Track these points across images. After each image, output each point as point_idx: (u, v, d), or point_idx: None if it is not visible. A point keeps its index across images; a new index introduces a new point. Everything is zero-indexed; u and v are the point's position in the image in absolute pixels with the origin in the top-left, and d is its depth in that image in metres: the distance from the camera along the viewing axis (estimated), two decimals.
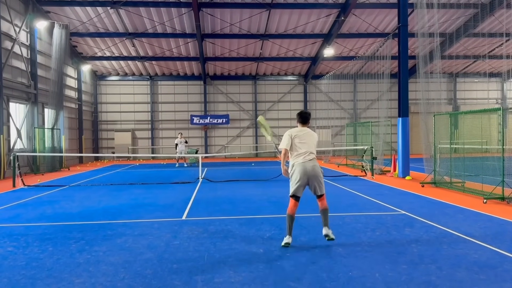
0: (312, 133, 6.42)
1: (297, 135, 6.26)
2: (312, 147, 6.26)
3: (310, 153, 6.21)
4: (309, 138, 6.30)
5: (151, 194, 12.00)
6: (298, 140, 6.23)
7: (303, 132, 6.33)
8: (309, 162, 6.12)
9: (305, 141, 6.23)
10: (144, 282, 4.65)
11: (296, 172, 6.08)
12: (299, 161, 6.13)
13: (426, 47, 15.59)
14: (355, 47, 27.63)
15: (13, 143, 19.19)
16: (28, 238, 6.78)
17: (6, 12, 18.64)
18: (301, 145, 6.19)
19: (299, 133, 6.31)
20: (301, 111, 6.61)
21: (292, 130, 6.40)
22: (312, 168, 6.09)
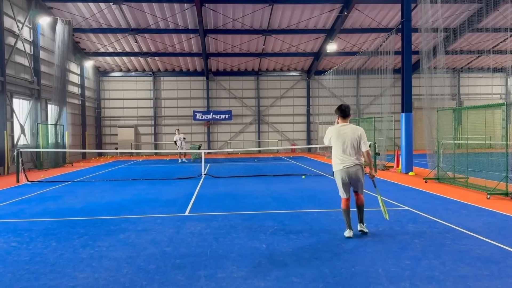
0: (353, 129, 5.99)
1: (336, 133, 6.00)
2: (352, 147, 5.93)
3: (349, 156, 5.95)
4: (348, 136, 5.93)
5: (154, 189, 12.03)
6: (335, 139, 6.00)
7: (342, 130, 5.99)
8: (348, 169, 5.97)
9: (343, 141, 5.94)
10: (147, 277, 4.66)
11: (337, 177, 6.10)
12: (338, 167, 6.04)
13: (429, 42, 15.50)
14: (358, 42, 27.50)
15: (16, 139, 19.25)
16: (31, 233, 6.81)
17: (9, 8, 18.65)
18: (339, 146, 5.97)
19: (337, 131, 6.01)
20: (341, 104, 6.21)
21: (331, 128, 6.11)
22: (354, 173, 5.97)
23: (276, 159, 25.43)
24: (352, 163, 5.95)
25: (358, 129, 6.01)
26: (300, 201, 9.69)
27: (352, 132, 5.96)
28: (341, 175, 6.01)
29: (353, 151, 5.95)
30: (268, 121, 32.41)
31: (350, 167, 5.94)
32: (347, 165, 5.96)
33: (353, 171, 5.96)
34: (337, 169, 6.06)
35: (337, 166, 6.05)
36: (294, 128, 32.70)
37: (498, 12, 23.34)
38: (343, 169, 5.98)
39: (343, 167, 5.98)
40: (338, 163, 6.03)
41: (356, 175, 5.97)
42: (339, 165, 6.01)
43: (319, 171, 16.81)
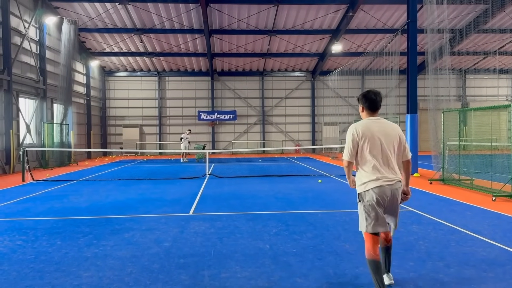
0: (390, 127, 4.08)
1: (365, 135, 3.97)
2: (391, 154, 4.00)
3: (388, 168, 3.97)
4: (385, 137, 3.99)
5: (158, 189, 12.06)
6: (368, 143, 3.96)
7: (375, 128, 4.01)
8: (387, 188, 3.92)
9: (378, 144, 3.97)
10: (151, 276, 4.68)
11: (369, 199, 3.94)
12: (369, 184, 3.94)
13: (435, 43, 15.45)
14: (363, 43, 27.44)
15: (22, 138, 19.37)
16: (37, 232, 6.85)
17: (15, 8, 18.77)
18: (373, 153, 3.96)
19: (368, 129, 4.00)
20: (368, 90, 4.20)
21: (358, 125, 4.08)
22: (393, 194, 3.96)
23: (281, 159, 25.42)
24: (392, 180, 3.94)
25: (395, 126, 4.12)
26: (304, 201, 9.68)
27: (390, 131, 4.04)
28: (374, 196, 3.90)
29: (392, 160, 4.01)
30: (273, 122, 32.39)
31: (390, 185, 3.92)
32: (386, 182, 3.92)
33: (392, 192, 3.95)
34: (367, 188, 3.94)
35: (368, 183, 3.94)
36: (299, 129, 32.66)
37: (504, 13, 23.21)
38: (379, 187, 3.90)
39: (378, 184, 3.90)
40: (370, 179, 3.94)
41: (395, 197, 3.99)
42: (372, 182, 3.92)
43: (324, 172, 16.79)
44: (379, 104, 4.15)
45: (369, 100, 4.13)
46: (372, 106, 4.14)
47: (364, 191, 4.00)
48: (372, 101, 4.12)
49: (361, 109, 4.24)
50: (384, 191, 3.94)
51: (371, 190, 3.94)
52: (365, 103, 4.16)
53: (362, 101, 4.19)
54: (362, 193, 4.01)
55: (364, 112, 4.21)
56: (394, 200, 4.02)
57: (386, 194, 3.95)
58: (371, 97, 4.12)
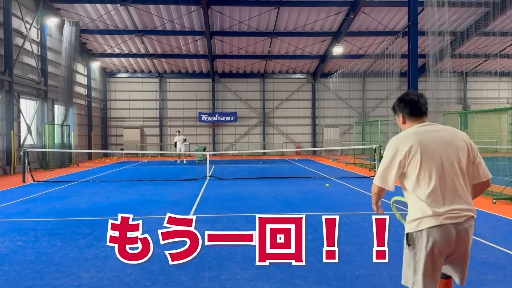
0: (452, 134, 2.85)
1: (415, 149, 2.73)
2: (458, 174, 2.75)
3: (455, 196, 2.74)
4: (449, 149, 2.76)
5: (159, 190, 12.06)
6: (420, 160, 2.71)
7: (430, 136, 2.78)
8: (455, 226, 2.71)
9: (438, 162, 2.72)
10: (152, 277, 4.68)
11: (423, 245, 2.75)
12: (428, 222, 2.72)
13: (436, 45, 15.47)
14: (364, 45, 27.47)
15: (23, 139, 19.39)
16: (37, 233, 6.85)
17: (17, 9, 18.81)
18: (431, 174, 2.72)
19: (419, 140, 2.74)
20: (405, 93, 3.00)
21: (402, 136, 2.83)
22: (460, 237, 2.73)
23: (281, 161, 25.42)
24: (460, 214, 2.72)
25: (460, 133, 2.88)
26: (304, 203, 9.68)
27: (453, 140, 2.80)
28: (430, 241, 2.71)
29: (461, 183, 2.76)
30: (273, 123, 32.40)
31: (457, 223, 2.71)
32: (451, 218, 2.69)
33: (460, 234, 2.73)
34: (420, 228, 2.77)
35: (422, 221, 2.75)
36: (300, 131, 32.66)
37: (505, 16, 23.23)
38: (439, 227, 2.68)
39: (438, 222, 2.68)
40: (424, 214, 2.73)
41: (465, 241, 2.77)
42: (428, 219, 2.72)
43: (325, 174, 16.78)
44: (424, 106, 2.91)
45: (410, 103, 2.90)
46: (415, 110, 2.89)
47: (416, 232, 2.81)
48: (413, 104, 2.89)
49: (401, 120, 2.98)
50: (448, 233, 2.67)
51: (425, 231, 2.71)
52: (404, 109, 2.92)
53: (399, 107, 2.96)
54: (413, 234, 2.83)
55: (406, 123, 2.94)
56: (462, 245, 2.73)
57: (451, 237, 2.68)
58: (412, 98, 2.91)
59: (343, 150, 27.76)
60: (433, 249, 2.71)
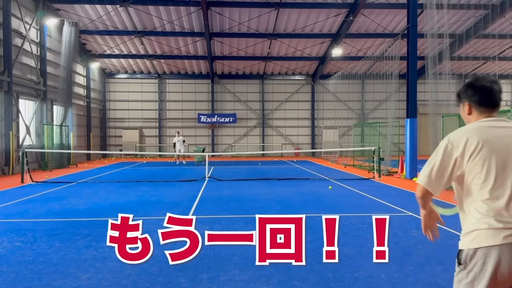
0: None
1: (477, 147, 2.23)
2: None
3: None
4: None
5: (158, 191, 12.05)
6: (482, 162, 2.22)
7: (498, 134, 2.26)
8: None
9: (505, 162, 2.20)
10: (150, 279, 4.67)
11: (480, 266, 2.19)
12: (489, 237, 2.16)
13: (435, 47, 15.49)
14: (363, 47, 27.51)
15: (22, 139, 19.37)
16: (35, 234, 6.84)
17: (16, 9, 18.81)
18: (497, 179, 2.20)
19: (483, 138, 2.24)
20: (475, 78, 2.41)
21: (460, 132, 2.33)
22: None
23: (280, 162, 25.42)
24: None
25: None
26: (303, 205, 9.68)
27: None
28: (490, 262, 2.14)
29: None
30: (273, 125, 32.41)
31: None
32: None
33: None
34: (477, 245, 2.20)
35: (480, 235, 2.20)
36: (299, 132, 32.67)
37: (504, 19, 23.29)
38: (506, 246, 2.11)
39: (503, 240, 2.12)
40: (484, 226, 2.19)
41: None
42: (489, 233, 2.16)
43: (323, 175, 16.78)
44: (497, 96, 2.35)
45: (480, 90, 2.35)
46: (485, 100, 2.34)
47: (471, 249, 2.22)
48: (485, 91, 2.34)
49: (466, 110, 2.43)
50: (508, 259, 2.11)
51: (483, 249, 2.16)
52: (472, 97, 2.37)
53: (466, 94, 2.40)
54: (467, 251, 2.26)
55: (472, 114, 2.40)
56: None
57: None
58: (484, 85, 2.34)
59: (342, 151, 27.78)
60: (491, 275, 2.12)
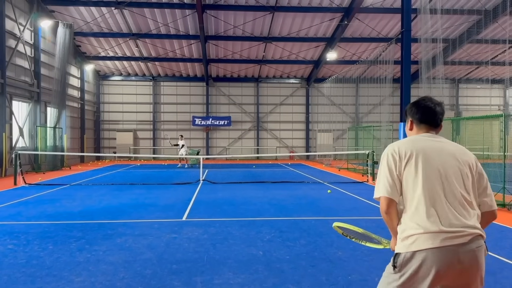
0: (459, 149, 2.50)
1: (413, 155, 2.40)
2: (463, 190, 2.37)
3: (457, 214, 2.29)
4: (452, 161, 2.40)
5: (152, 194, 12.01)
6: (417, 168, 2.37)
7: (431, 144, 2.45)
8: (456, 250, 2.21)
9: (440, 170, 2.36)
10: (144, 282, 4.66)
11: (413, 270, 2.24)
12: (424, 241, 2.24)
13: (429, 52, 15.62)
14: (358, 51, 27.65)
15: (15, 141, 19.24)
16: (28, 236, 6.80)
17: (11, 11, 18.72)
18: (430, 183, 2.33)
19: (418, 147, 2.43)
20: (422, 98, 2.60)
21: (399, 142, 2.54)
22: (470, 260, 2.23)
23: (275, 165, 25.44)
24: (467, 234, 2.25)
25: (469, 152, 2.50)
26: (298, 208, 9.69)
27: (459, 156, 2.44)
28: (423, 267, 2.21)
29: (467, 198, 2.37)
30: (267, 128, 32.45)
31: (463, 244, 2.23)
32: (455, 237, 2.23)
33: (468, 257, 2.23)
34: (412, 249, 2.26)
35: (416, 239, 2.26)
36: (293, 135, 32.74)
37: (497, 24, 23.51)
38: (439, 249, 2.21)
39: (438, 243, 2.22)
40: (420, 231, 2.27)
41: (474, 268, 2.25)
42: (424, 237, 2.25)
43: (318, 178, 16.82)
44: (440, 117, 2.53)
45: (423, 109, 2.53)
46: (426, 118, 2.53)
47: (409, 253, 2.25)
48: (427, 110, 2.52)
49: (409, 125, 2.63)
50: (449, 258, 2.19)
51: (421, 253, 2.21)
52: (415, 115, 2.56)
53: (410, 111, 2.60)
54: (404, 254, 2.26)
55: (413, 129, 2.60)
56: (468, 273, 2.23)
57: (452, 263, 2.19)
58: (427, 105, 2.52)
59: (336, 155, 27.89)
60: (425, 277, 2.20)
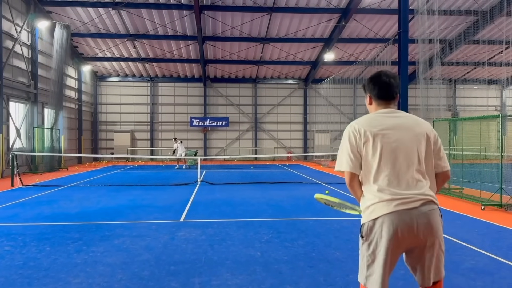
0: (414, 121, 2.72)
1: (370, 133, 2.62)
2: (416, 162, 2.61)
3: (410, 184, 2.58)
4: (407, 134, 2.64)
5: (149, 195, 11.99)
6: (374, 144, 2.61)
7: (388, 121, 2.67)
8: (410, 213, 2.51)
9: (396, 145, 2.60)
10: (141, 283, 4.65)
11: (376, 235, 2.55)
12: (382, 208, 2.54)
13: (426, 53, 15.65)
14: (355, 52, 27.69)
15: (12, 143, 19.18)
16: (25, 238, 6.77)
17: (8, 12, 18.67)
18: (386, 158, 2.59)
19: (375, 125, 2.65)
20: (377, 73, 2.80)
21: (358, 120, 2.73)
22: (422, 224, 2.54)
23: (272, 166, 25.44)
24: (417, 198, 2.55)
25: (422, 122, 2.74)
26: (295, 208, 9.69)
27: (413, 126, 2.68)
28: (384, 230, 2.52)
29: (419, 169, 2.63)
30: (265, 129, 32.45)
31: (414, 208, 2.53)
32: (407, 203, 2.53)
33: (420, 220, 2.53)
34: (373, 216, 2.57)
35: (375, 208, 2.57)
36: (291, 136, 32.75)
37: (493, 25, 23.58)
38: (395, 213, 2.51)
39: (392, 208, 2.52)
40: (378, 200, 2.57)
41: (427, 228, 2.56)
42: (381, 205, 2.55)
43: (316, 179, 16.84)
44: (395, 90, 2.74)
45: (380, 84, 2.74)
46: (383, 93, 2.74)
47: (369, 221, 2.57)
48: (384, 85, 2.73)
49: (368, 100, 2.86)
50: (404, 221, 2.48)
51: (379, 219, 2.52)
52: (372, 91, 2.78)
53: (368, 87, 2.80)
54: (366, 224, 2.59)
55: (372, 104, 2.82)
56: (424, 233, 2.53)
57: (408, 225, 2.49)
58: (383, 80, 2.73)
59: (334, 155, 27.87)
60: (387, 239, 2.50)
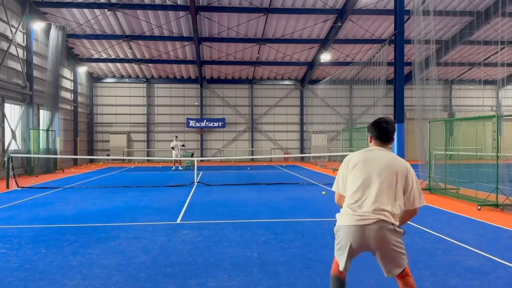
0: (392, 158, 3.39)
1: (355, 162, 3.42)
2: (386, 189, 3.24)
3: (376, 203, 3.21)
4: (381, 166, 3.31)
5: (146, 197, 11.96)
6: (353, 171, 3.39)
7: (371, 155, 3.41)
8: (364, 228, 3.20)
9: (367, 173, 3.30)
10: (138, 285, 4.63)
11: (339, 239, 3.37)
12: (344, 220, 3.32)
13: (422, 53, 15.69)
14: (351, 52, 27.74)
15: (7, 144, 19.08)
16: (21, 240, 6.74)
17: (2, 13, 18.59)
18: (358, 182, 3.32)
19: (361, 157, 3.44)
20: (379, 119, 3.56)
21: (353, 153, 3.56)
22: (374, 235, 3.18)
23: (269, 167, 25.44)
24: (371, 217, 3.20)
25: (401, 161, 3.41)
26: (292, 209, 9.69)
27: (389, 162, 3.34)
28: (345, 236, 3.30)
29: (385, 197, 3.23)
30: (262, 130, 32.45)
31: (365, 225, 3.20)
32: (360, 220, 3.22)
33: (373, 232, 3.19)
34: (339, 224, 3.39)
35: (341, 218, 3.37)
36: (287, 137, 32.76)
37: (489, 26, 23.70)
38: (349, 227, 3.27)
39: (349, 222, 3.27)
40: (344, 212, 3.38)
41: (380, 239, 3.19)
42: (344, 217, 3.34)
43: (312, 180, 16.84)
44: (391, 134, 3.47)
45: (380, 129, 3.46)
46: (382, 136, 3.47)
47: (338, 226, 3.41)
48: (383, 131, 3.45)
49: (369, 139, 3.59)
50: (357, 232, 3.22)
51: (343, 227, 3.32)
52: (373, 132, 3.50)
53: (371, 129, 3.53)
54: (337, 227, 3.42)
55: (372, 142, 3.55)
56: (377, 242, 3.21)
57: (360, 235, 3.21)
58: (382, 126, 3.45)
59: (330, 156, 27.94)
60: (346, 242, 3.29)
